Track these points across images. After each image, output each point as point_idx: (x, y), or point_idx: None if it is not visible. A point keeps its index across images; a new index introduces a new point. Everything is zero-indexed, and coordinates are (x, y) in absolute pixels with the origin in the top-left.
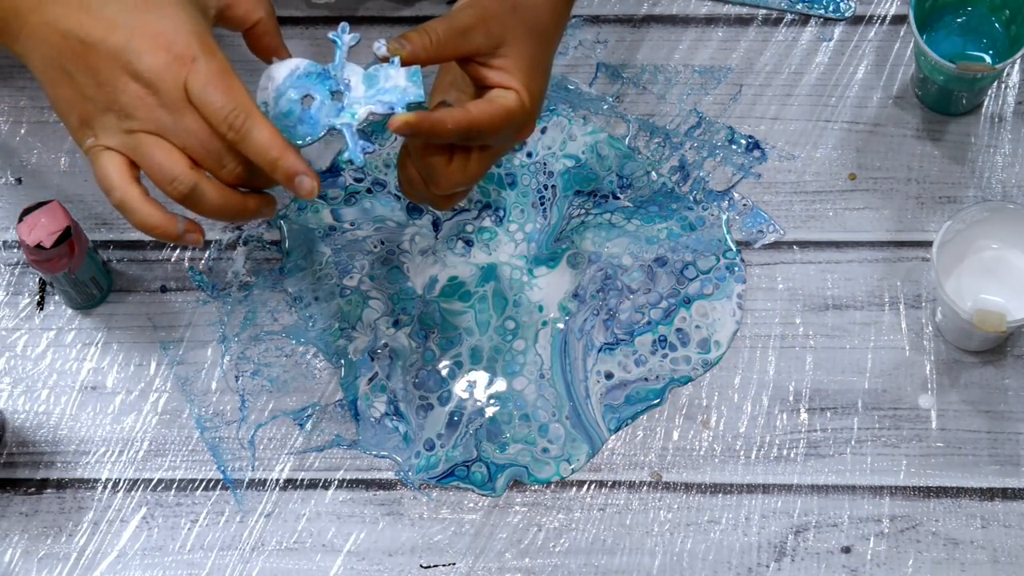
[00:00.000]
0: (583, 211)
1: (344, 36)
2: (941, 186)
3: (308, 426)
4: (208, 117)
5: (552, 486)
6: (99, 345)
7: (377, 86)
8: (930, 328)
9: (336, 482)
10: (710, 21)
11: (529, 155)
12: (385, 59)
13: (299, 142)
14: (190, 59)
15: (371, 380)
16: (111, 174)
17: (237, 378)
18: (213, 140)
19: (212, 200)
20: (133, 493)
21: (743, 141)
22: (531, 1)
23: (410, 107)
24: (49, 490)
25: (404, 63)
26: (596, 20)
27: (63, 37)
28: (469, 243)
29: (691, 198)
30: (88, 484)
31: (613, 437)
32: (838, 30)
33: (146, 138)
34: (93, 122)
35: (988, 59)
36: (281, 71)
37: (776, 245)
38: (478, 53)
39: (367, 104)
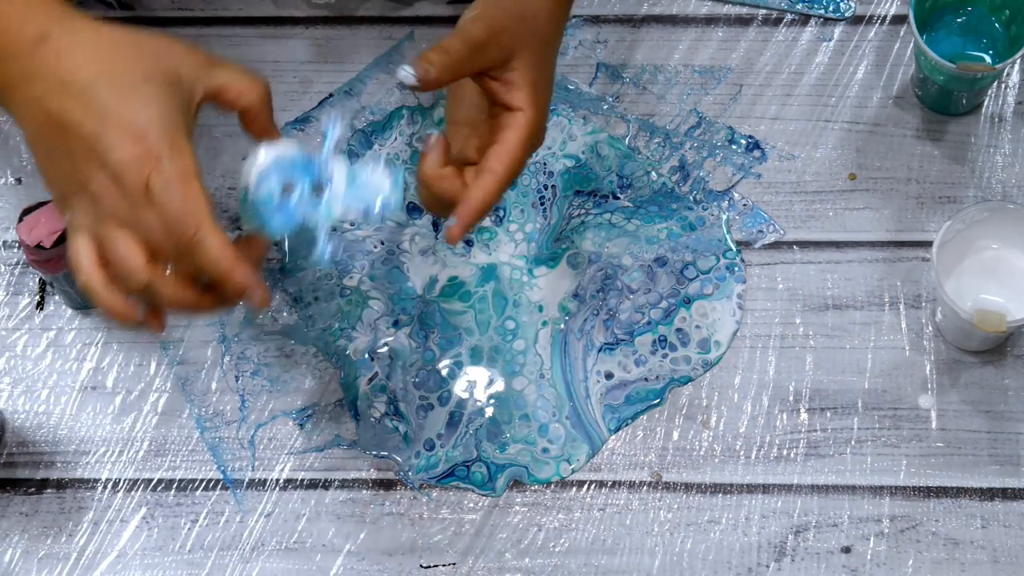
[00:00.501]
0: (583, 211)
1: (334, 128)
2: (941, 186)
3: (308, 426)
4: (163, 219)
5: (552, 486)
6: (99, 345)
7: (358, 183)
8: (930, 328)
9: (336, 482)
10: (710, 21)
11: None
12: (414, 87)
13: (271, 232)
14: (156, 156)
15: (371, 380)
16: (80, 256)
17: (237, 378)
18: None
19: (166, 298)
20: (133, 493)
21: (743, 141)
22: (534, 10)
23: (386, 205)
24: (49, 490)
25: (427, 86)
26: (596, 20)
27: (46, 116)
28: (469, 243)
29: (691, 198)
30: (88, 484)
31: (613, 437)
32: (838, 30)
33: (111, 227)
34: (70, 200)
35: (988, 59)
36: (267, 155)
37: (776, 245)
38: (491, 67)
39: (346, 203)
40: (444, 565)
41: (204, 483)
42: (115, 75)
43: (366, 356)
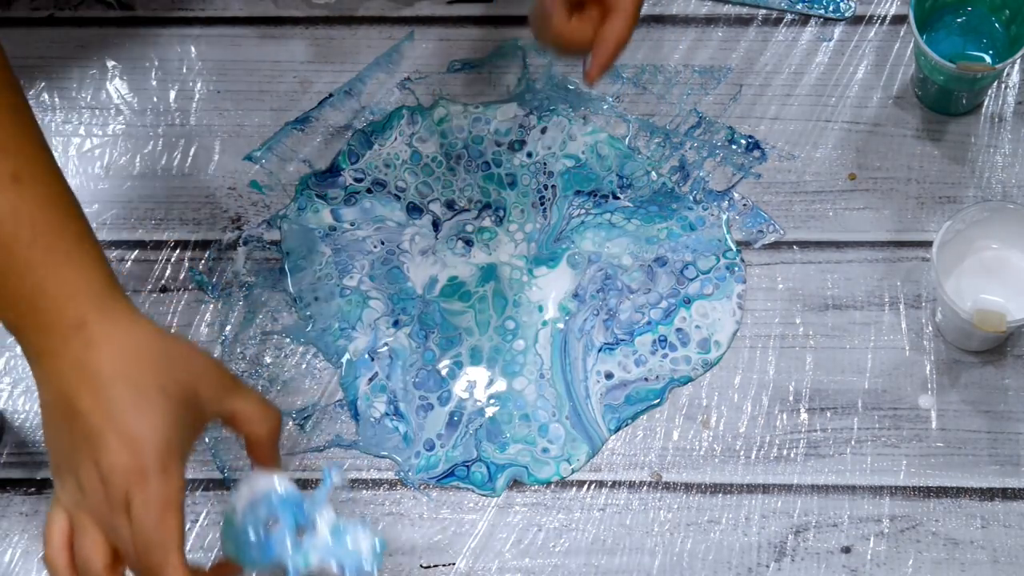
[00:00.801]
0: (583, 211)
1: (334, 476)
2: (941, 186)
3: (308, 426)
4: (134, 537)
5: (552, 486)
6: None
7: (341, 540)
8: (930, 328)
9: None
10: (710, 21)
11: (529, 155)
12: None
13: (244, 563)
14: (144, 474)
15: (371, 380)
16: (53, 531)
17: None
18: None
19: None
20: None
21: (743, 141)
22: None
23: (360, 573)
24: (49, 490)
25: None
26: None
27: (61, 394)
28: (469, 243)
29: (691, 198)
30: None
31: (613, 437)
32: (838, 30)
33: (85, 519)
34: (62, 473)
35: (988, 59)
36: (260, 485)
37: (776, 245)
38: None
39: (323, 555)
40: (444, 565)
41: (204, 483)
42: (133, 379)
43: (366, 356)
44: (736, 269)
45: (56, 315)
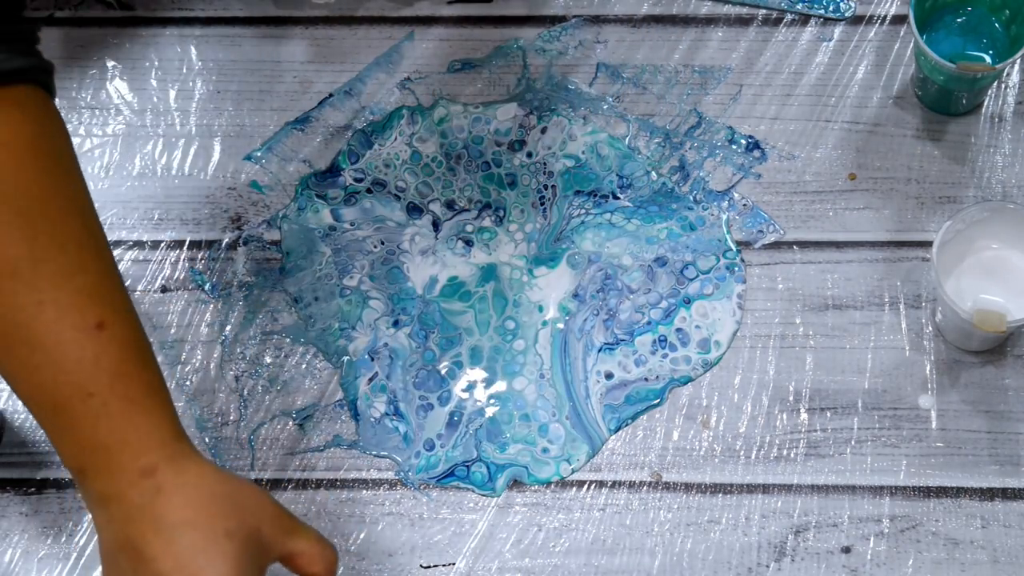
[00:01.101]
0: (583, 211)
1: None
2: (941, 186)
3: (308, 426)
4: None
5: (552, 486)
6: None
7: None
8: (930, 328)
9: (336, 482)
10: (710, 21)
11: (529, 155)
12: None
13: None
14: None
15: (371, 380)
16: None
17: (237, 378)
18: None
19: None
20: None
21: (743, 141)
22: None
23: None
24: (49, 490)
25: None
26: (596, 20)
27: (126, 536)
28: (469, 243)
29: (691, 198)
30: None
31: (613, 437)
32: (838, 30)
33: None
34: None
35: (988, 59)
36: None
37: (776, 245)
38: None
39: None
40: (444, 565)
41: None
42: (201, 525)
43: (366, 356)
44: (736, 269)
45: (127, 461)
